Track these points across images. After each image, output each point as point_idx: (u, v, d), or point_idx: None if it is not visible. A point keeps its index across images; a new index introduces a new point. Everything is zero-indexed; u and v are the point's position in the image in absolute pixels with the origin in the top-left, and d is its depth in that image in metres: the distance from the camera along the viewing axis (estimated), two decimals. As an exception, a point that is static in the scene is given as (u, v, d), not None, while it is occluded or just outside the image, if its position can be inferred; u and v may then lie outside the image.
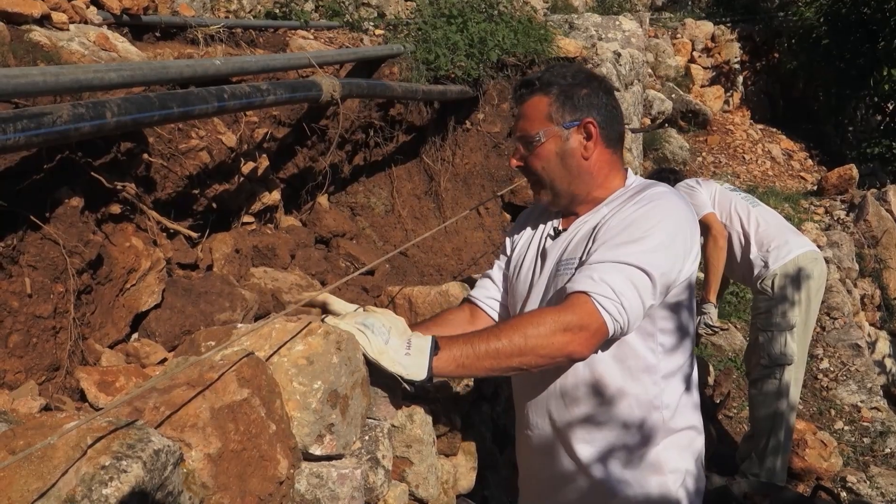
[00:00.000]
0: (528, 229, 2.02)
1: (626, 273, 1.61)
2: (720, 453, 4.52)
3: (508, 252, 2.06)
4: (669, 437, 1.78)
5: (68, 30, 2.25)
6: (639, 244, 1.64)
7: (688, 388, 1.84)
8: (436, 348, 1.55)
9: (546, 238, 1.91)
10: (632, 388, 1.74)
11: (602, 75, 2.03)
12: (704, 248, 4.18)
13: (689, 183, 4.26)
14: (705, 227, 4.11)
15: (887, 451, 4.75)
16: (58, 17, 2.22)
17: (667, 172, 4.54)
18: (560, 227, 1.89)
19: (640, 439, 1.76)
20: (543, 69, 1.93)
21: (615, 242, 1.66)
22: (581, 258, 1.73)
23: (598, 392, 1.75)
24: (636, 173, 1.98)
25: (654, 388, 1.76)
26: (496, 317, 2.04)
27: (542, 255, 1.89)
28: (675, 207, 1.75)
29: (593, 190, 1.84)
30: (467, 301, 2.10)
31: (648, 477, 1.76)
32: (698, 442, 1.87)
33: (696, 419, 1.87)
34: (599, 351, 1.69)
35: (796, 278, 3.87)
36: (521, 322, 1.60)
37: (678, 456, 1.80)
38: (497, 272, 2.08)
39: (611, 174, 1.85)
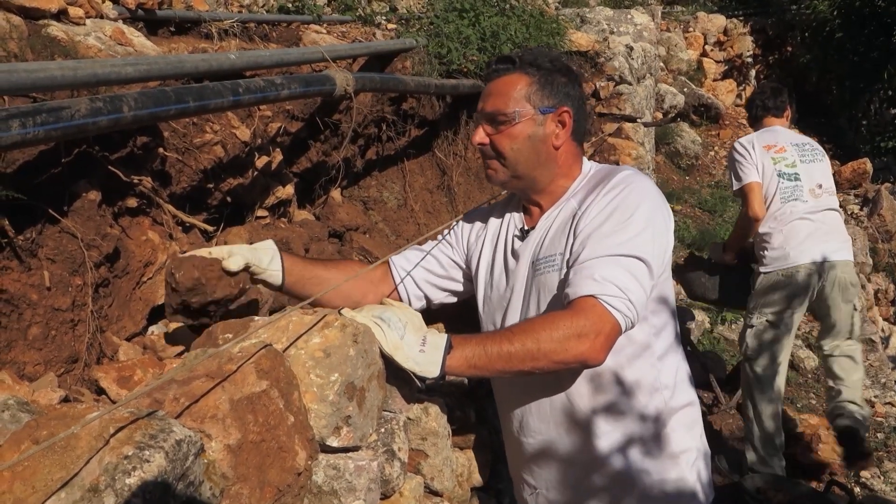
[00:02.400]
0: (486, 230, 1.99)
1: (624, 265, 1.60)
2: (732, 448, 4.52)
3: (464, 248, 2.03)
4: (674, 417, 1.79)
5: (85, 24, 2.27)
6: (626, 231, 1.64)
7: (680, 363, 1.85)
8: (449, 347, 1.56)
9: (513, 239, 1.89)
10: (629, 374, 1.75)
11: (575, 67, 1.99)
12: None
13: (745, 146, 4.13)
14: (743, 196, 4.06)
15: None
16: (74, 11, 2.24)
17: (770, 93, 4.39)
18: (526, 227, 1.87)
19: (645, 425, 1.76)
20: (522, 50, 1.89)
21: (602, 233, 1.65)
22: (563, 253, 1.72)
23: (595, 384, 1.75)
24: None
25: (651, 370, 1.76)
26: (404, 297, 2.00)
27: (514, 256, 1.87)
28: (647, 187, 1.75)
29: (556, 178, 1.83)
30: (384, 264, 2.02)
31: (659, 463, 1.76)
32: (698, 415, 1.89)
33: (693, 393, 1.88)
34: None
35: (777, 286, 3.90)
36: (534, 326, 1.59)
37: (686, 435, 1.81)
38: (435, 257, 2.03)
39: (574, 165, 1.85)
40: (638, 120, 5.27)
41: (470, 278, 2.03)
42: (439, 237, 2.08)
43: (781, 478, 3.78)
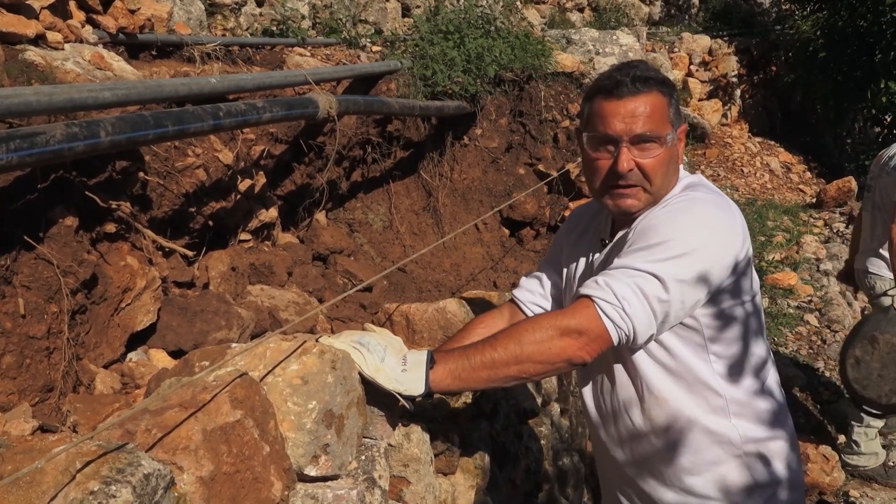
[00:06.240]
0: (579, 238, 1.92)
1: (635, 278, 1.53)
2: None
3: (561, 257, 1.97)
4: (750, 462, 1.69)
5: (63, 49, 2.25)
6: (654, 250, 1.55)
7: (775, 408, 1.73)
8: (431, 362, 1.53)
9: (594, 251, 1.82)
10: (707, 421, 1.66)
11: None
12: None
13: None
14: None
15: (890, 464, 4.72)
16: (53, 36, 2.22)
17: None
18: (606, 240, 1.79)
19: (718, 469, 1.68)
20: (637, 65, 1.73)
21: (633, 248, 1.59)
22: None
23: (669, 425, 1.68)
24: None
25: (725, 421, 1.67)
26: None
27: (590, 266, 1.81)
28: (705, 215, 1.63)
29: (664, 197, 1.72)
30: (510, 302, 1.99)
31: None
32: (797, 482, 1.75)
33: (781, 433, 1.74)
34: (667, 391, 1.65)
35: None
36: (517, 329, 1.56)
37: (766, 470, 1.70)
38: (547, 275, 1.98)
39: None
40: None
41: None
42: (549, 256, 2.04)
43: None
